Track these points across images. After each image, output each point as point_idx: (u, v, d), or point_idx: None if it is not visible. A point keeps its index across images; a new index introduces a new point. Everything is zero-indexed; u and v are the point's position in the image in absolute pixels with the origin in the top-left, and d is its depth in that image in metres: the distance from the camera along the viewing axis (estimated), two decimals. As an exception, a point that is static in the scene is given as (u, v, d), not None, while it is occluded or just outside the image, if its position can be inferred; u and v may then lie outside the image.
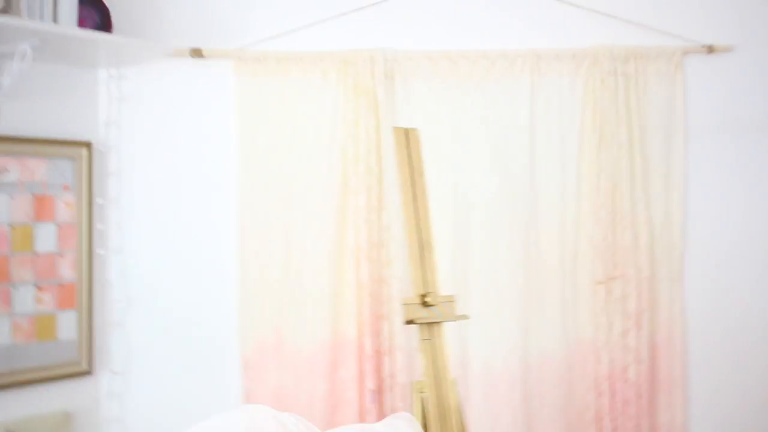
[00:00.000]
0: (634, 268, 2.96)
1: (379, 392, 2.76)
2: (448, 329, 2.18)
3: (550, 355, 2.93)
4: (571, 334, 2.96)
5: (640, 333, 2.96)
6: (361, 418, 2.73)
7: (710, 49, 3.01)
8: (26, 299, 2.46)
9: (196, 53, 2.75)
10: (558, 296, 2.94)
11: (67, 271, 2.55)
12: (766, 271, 3.12)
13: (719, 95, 3.08)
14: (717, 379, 3.09)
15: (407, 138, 2.27)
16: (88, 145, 2.62)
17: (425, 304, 2.15)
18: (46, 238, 2.51)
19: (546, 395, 2.93)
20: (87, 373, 2.62)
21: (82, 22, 2.43)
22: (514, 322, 2.89)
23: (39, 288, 2.49)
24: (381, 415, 2.75)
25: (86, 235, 2.59)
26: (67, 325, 2.56)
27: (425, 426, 2.09)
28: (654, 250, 3.01)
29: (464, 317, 2.23)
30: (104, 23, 2.56)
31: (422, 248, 2.19)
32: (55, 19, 2.31)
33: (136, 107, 2.76)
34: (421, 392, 2.11)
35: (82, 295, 2.58)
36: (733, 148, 3.12)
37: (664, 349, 3.01)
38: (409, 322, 2.13)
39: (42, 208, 2.50)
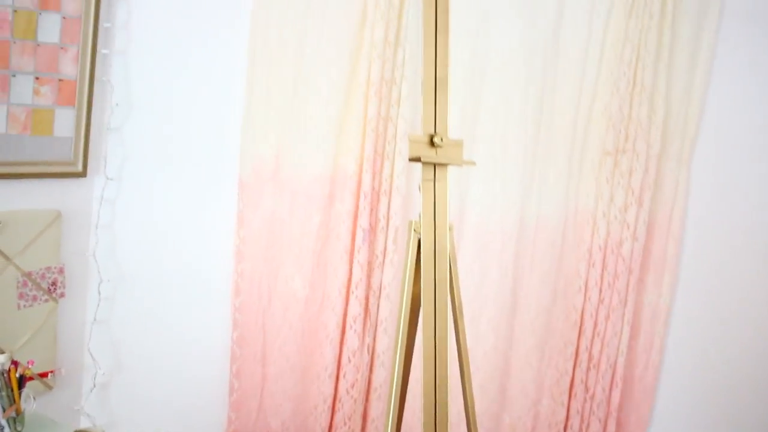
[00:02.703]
0: (645, 143, 2.90)
1: (371, 231, 2.73)
2: (450, 176, 2.14)
3: (547, 219, 2.90)
4: (572, 202, 2.93)
5: (641, 210, 2.93)
6: (351, 255, 2.71)
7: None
8: (24, 89, 2.37)
9: None
10: (564, 161, 2.89)
11: (68, 66, 2.46)
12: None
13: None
14: (709, 266, 3.08)
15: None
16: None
17: (432, 144, 2.10)
18: (49, 29, 2.39)
19: (537, 259, 2.92)
20: (81, 175, 2.56)
21: None
22: (516, 182, 2.84)
23: (38, 80, 2.40)
24: (371, 255, 2.74)
25: (92, 32, 2.47)
26: (65, 123, 2.48)
27: (416, 266, 2.08)
28: (667, 129, 2.96)
29: (470, 163, 2.18)
30: None
31: (437, 85, 2.12)
32: None
33: None
34: (417, 231, 2.09)
35: (83, 94, 2.50)
36: (766, 40, 3.02)
37: (662, 229, 3.00)
38: (415, 159, 2.08)
39: (47, -5, 2.39)
